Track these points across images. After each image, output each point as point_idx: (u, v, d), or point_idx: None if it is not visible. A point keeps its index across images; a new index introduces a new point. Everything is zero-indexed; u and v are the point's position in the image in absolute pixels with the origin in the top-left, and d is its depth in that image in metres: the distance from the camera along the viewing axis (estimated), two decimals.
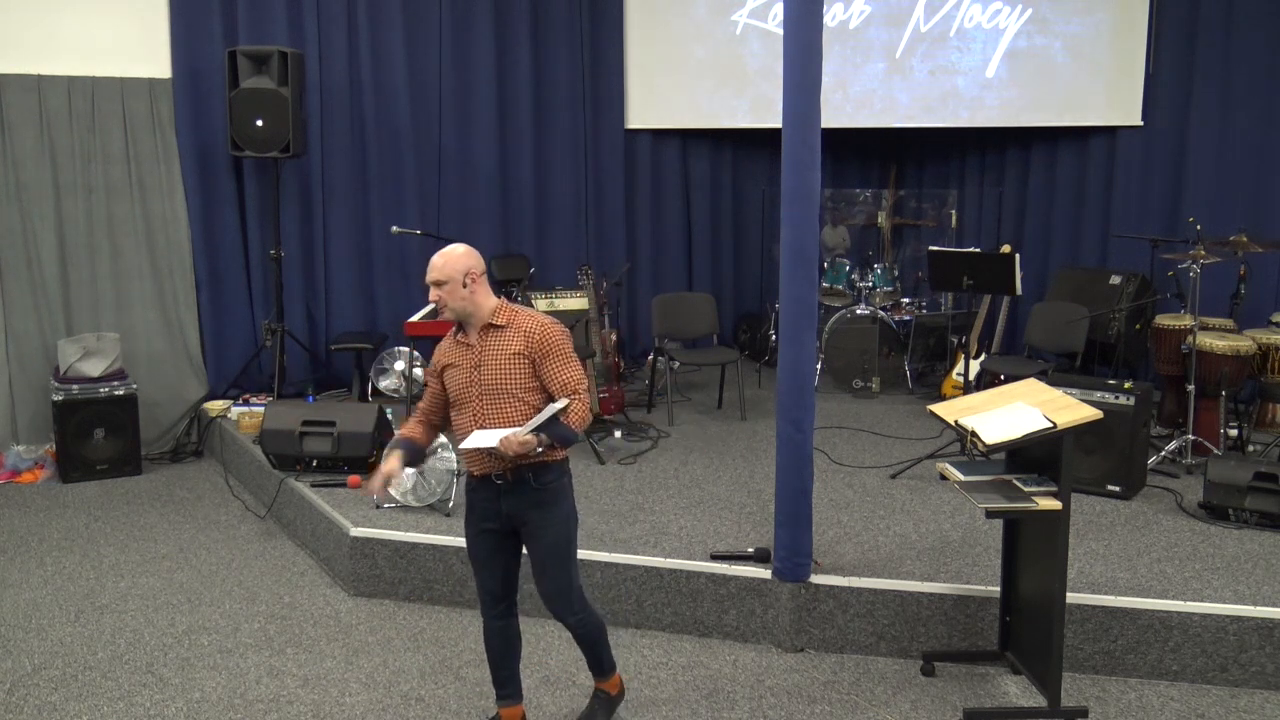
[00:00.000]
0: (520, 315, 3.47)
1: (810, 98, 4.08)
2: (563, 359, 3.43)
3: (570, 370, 3.43)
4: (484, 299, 3.46)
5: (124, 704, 3.96)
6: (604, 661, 3.80)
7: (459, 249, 3.47)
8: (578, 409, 3.36)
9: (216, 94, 6.85)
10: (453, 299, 3.41)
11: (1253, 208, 6.94)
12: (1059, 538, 3.69)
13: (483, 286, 3.45)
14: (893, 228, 8.66)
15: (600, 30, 8.14)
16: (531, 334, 3.42)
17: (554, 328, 3.46)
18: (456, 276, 3.39)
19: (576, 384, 3.41)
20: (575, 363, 3.46)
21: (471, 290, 3.42)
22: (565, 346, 3.44)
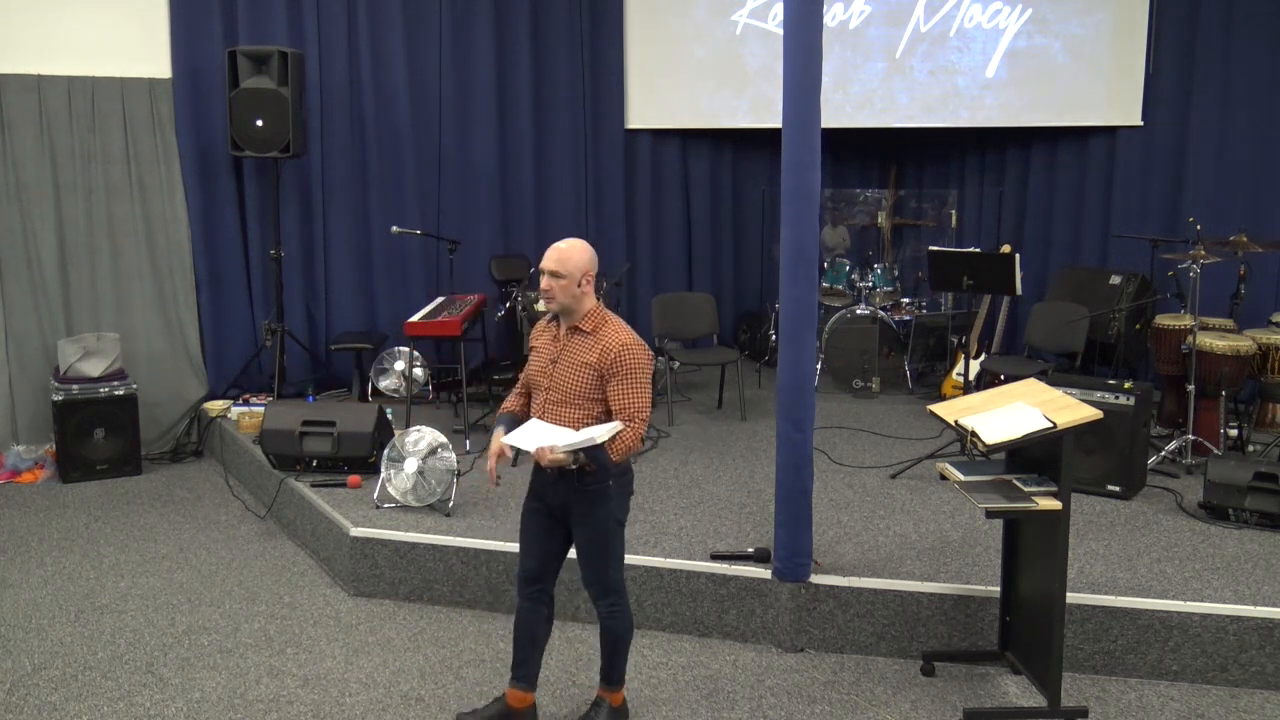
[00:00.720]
0: (607, 327, 3.54)
1: (810, 98, 4.09)
2: (631, 382, 3.47)
3: (635, 396, 3.47)
4: (588, 301, 3.55)
5: (124, 704, 3.96)
6: (615, 670, 3.79)
7: (581, 245, 3.55)
8: (626, 436, 3.43)
9: (216, 94, 6.85)
10: (563, 294, 3.50)
11: (1253, 208, 6.94)
12: (1059, 538, 3.69)
13: (590, 289, 3.54)
14: (893, 228, 8.66)
15: (600, 30, 8.14)
16: (609, 350, 3.47)
17: (634, 350, 3.49)
18: (575, 274, 3.49)
19: (636, 411, 3.46)
20: (644, 389, 3.49)
21: (583, 291, 3.52)
22: (639, 371, 3.48)
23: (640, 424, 3.48)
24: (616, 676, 3.80)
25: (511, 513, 5.12)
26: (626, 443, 3.45)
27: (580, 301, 3.53)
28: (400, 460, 5.14)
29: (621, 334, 3.52)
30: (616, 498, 3.58)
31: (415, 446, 5.13)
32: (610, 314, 3.61)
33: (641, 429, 3.48)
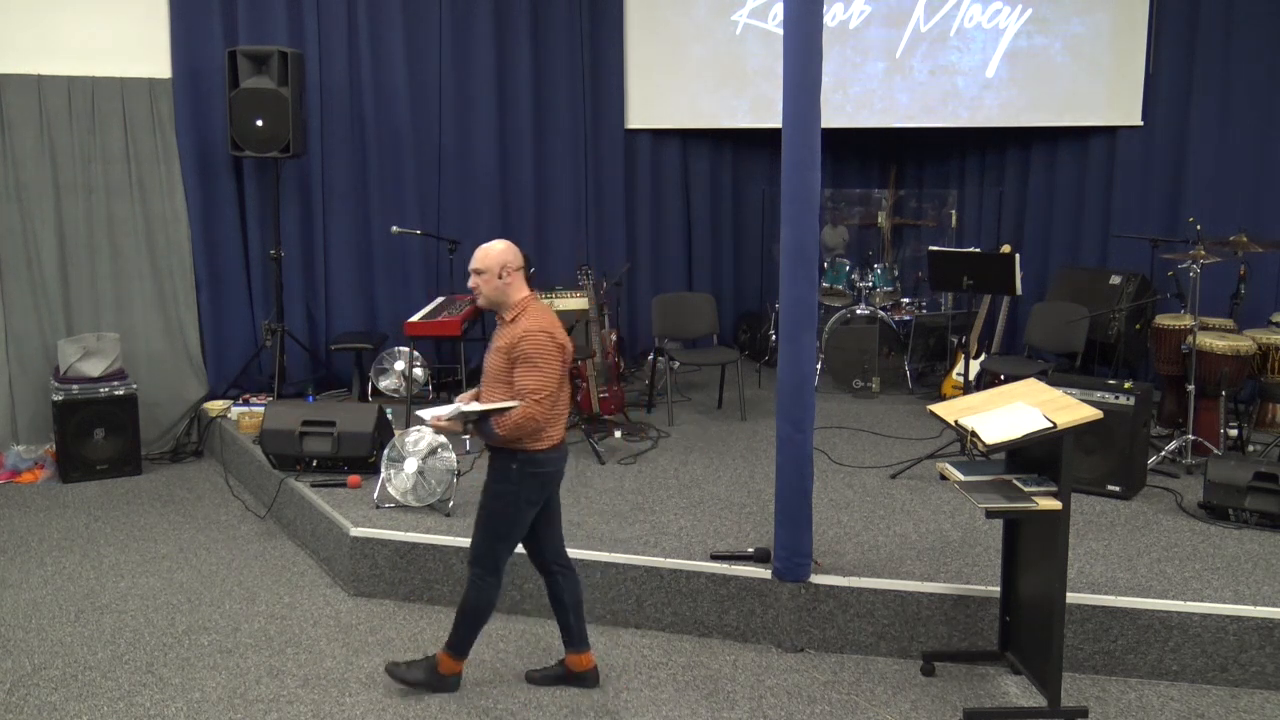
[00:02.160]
0: (524, 316, 3.78)
1: (810, 98, 4.09)
2: (529, 366, 3.71)
3: (530, 378, 3.70)
4: (513, 294, 3.81)
5: (124, 704, 3.96)
6: (455, 636, 3.99)
7: (501, 243, 3.84)
8: (515, 414, 3.69)
9: (216, 94, 6.85)
10: (487, 287, 3.80)
11: (1253, 208, 6.94)
12: (1059, 538, 3.69)
13: (515, 281, 3.81)
14: (893, 228, 8.66)
15: (600, 30, 8.14)
16: (515, 336, 3.74)
17: (535, 335, 3.72)
18: (494, 267, 3.78)
19: (530, 392, 3.70)
20: (540, 373, 3.71)
21: (506, 283, 3.79)
22: (537, 356, 3.70)
23: (532, 404, 3.68)
24: (455, 643, 4.00)
25: None
26: (514, 420, 3.69)
27: (505, 294, 3.80)
28: (400, 460, 5.14)
29: (530, 322, 3.75)
30: (519, 481, 3.81)
31: (415, 446, 5.14)
32: (537, 307, 3.83)
33: (533, 410, 3.69)
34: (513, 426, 3.69)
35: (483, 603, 3.93)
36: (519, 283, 3.81)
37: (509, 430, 3.70)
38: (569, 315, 7.20)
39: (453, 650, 4.01)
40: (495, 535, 3.88)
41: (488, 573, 3.90)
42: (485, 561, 3.90)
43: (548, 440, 3.81)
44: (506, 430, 3.70)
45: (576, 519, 5.05)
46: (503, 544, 3.90)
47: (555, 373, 3.73)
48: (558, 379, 3.75)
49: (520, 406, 3.68)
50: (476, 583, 3.91)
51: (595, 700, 4.01)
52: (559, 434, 3.86)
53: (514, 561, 4.65)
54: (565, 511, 5.11)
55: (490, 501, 3.87)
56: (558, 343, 3.74)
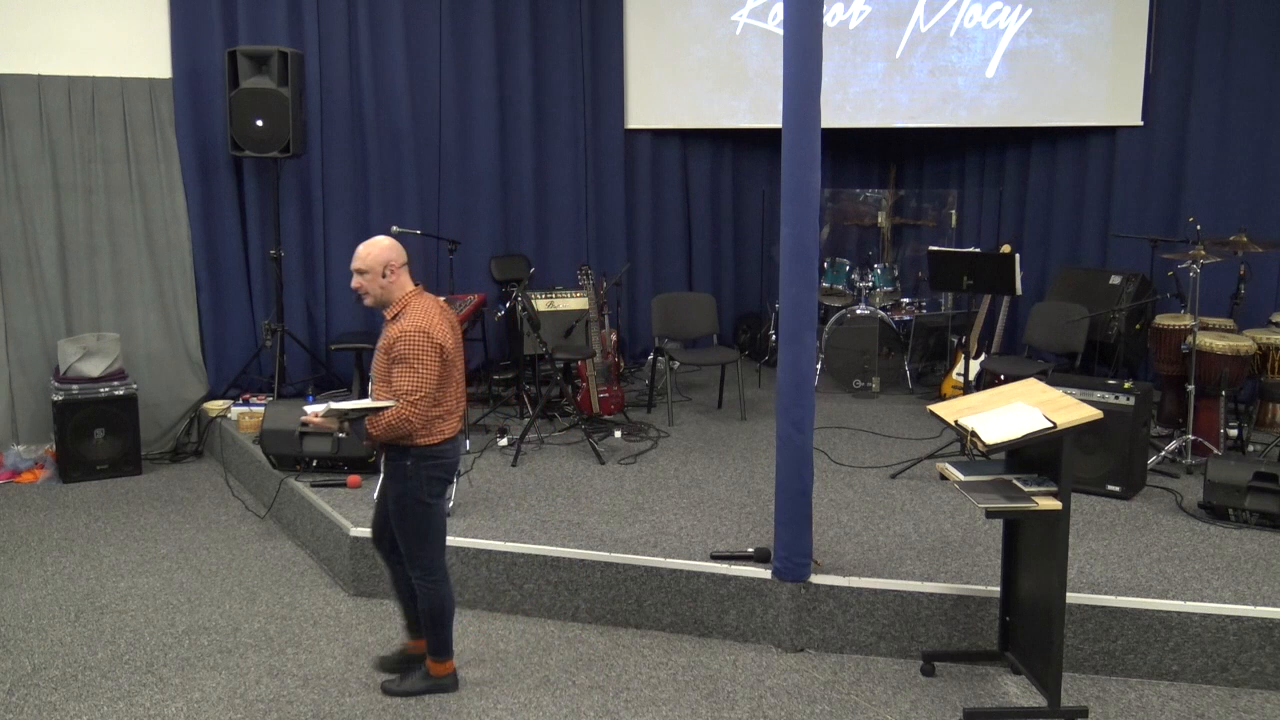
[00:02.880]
0: (406, 314, 3.76)
1: (810, 98, 4.09)
2: (404, 367, 3.69)
3: (405, 379, 3.68)
4: (396, 291, 3.80)
5: (124, 704, 3.96)
6: (433, 641, 4.01)
7: (382, 242, 3.82)
8: (390, 414, 3.66)
9: (216, 94, 6.85)
10: (370, 286, 3.78)
11: (1253, 208, 6.94)
12: (1059, 538, 3.69)
13: (399, 279, 3.81)
14: (893, 228, 8.66)
15: (600, 30, 8.14)
16: (392, 336, 3.73)
17: (411, 335, 3.69)
18: (376, 267, 3.77)
19: (405, 393, 3.68)
20: (415, 374, 3.68)
21: (390, 281, 3.78)
22: (412, 357, 3.68)
23: (407, 405, 3.66)
24: (435, 648, 4.01)
25: (511, 513, 5.13)
26: (387, 421, 3.67)
27: (389, 292, 3.80)
28: None
29: (408, 321, 3.72)
30: (416, 478, 3.80)
31: None
32: (420, 303, 3.80)
33: (407, 412, 3.66)
34: (385, 428, 3.67)
35: (438, 602, 3.94)
36: (403, 280, 3.81)
37: (382, 431, 3.68)
38: (569, 315, 7.21)
39: (435, 655, 4.01)
40: (418, 536, 3.88)
41: (430, 573, 3.91)
42: (421, 564, 3.90)
43: (439, 434, 3.81)
44: (379, 431, 3.68)
45: (576, 519, 5.05)
46: (429, 541, 3.90)
47: (432, 373, 3.70)
48: (435, 378, 3.71)
49: (394, 407, 3.66)
50: (422, 584, 3.91)
51: (595, 700, 4.01)
52: (452, 428, 3.86)
53: (515, 561, 4.68)
54: (565, 512, 5.13)
55: (399, 505, 3.85)
56: (435, 342, 3.70)
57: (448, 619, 3.99)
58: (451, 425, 3.86)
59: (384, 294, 3.79)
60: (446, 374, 3.78)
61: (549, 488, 5.51)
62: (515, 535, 4.83)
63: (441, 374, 3.75)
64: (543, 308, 7.16)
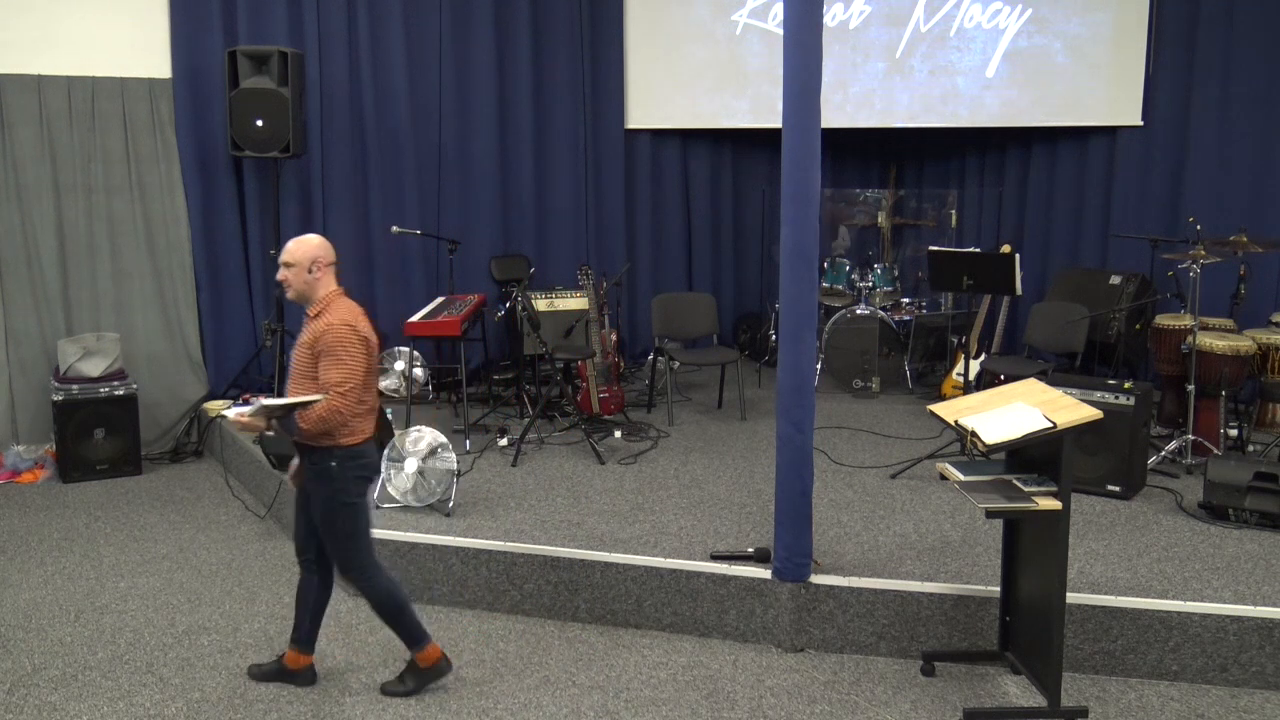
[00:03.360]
0: (328, 311, 3.78)
1: (810, 98, 4.09)
2: (332, 359, 3.70)
3: (333, 371, 3.69)
4: (320, 289, 3.82)
5: (124, 704, 3.96)
6: (403, 634, 3.98)
7: (312, 238, 3.86)
8: (319, 408, 3.67)
9: (216, 94, 6.85)
10: (296, 280, 3.80)
11: (1253, 208, 6.94)
12: (1059, 538, 3.69)
13: (325, 277, 3.82)
14: (893, 228, 8.66)
15: (600, 30, 8.14)
16: (317, 331, 3.74)
17: (336, 329, 3.70)
18: (303, 261, 3.79)
19: (335, 384, 3.68)
20: (344, 365, 3.70)
21: (315, 277, 3.80)
22: (339, 348, 3.70)
23: (336, 398, 3.67)
24: (408, 639, 3.99)
25: (511, 513, 5.13)
26: (318, 414, 3.67)
27: (313, 289, 3.81)
28: (400, 460, 5.14)
29: (333, 316, 3.75)
30: (341, 478, 3.80)
31: (415, 446, 5.13)
32: (342, 302, 3.81)
33: (338, 403, 3.67)
34: (317, 420, 3.68)
35: (385, 596, 3.92)
36: (327, 279, 3.82)
37: (314, 424, 3.68)
38: (569, 315, 7.21)
39: (413, 645, 4.01)
40: (345, 538, 3.87)
41: (365, 573, 3.91)
42: (353, 566, 3.90)
43: (361, 433, 3.82)
44: (311, 425, 3.68)
45: (576, 519, 5.05)
46: (359, 541, 3.90)
47: (360, 365, 3.72)
48: (363, 371, 3.74)
49: (325, 400, 3.66)
50: (362, 585, 3.91)
51: (595, 700, 4.01)
52: (370, 427, 3.87)
53: (515, 561, 4.68)
54: (565, 512, 5.13)
55: (324, 509, 3.84)
56: (361, 335, 3.73)
57: (405, 608, 3.96)
58: (369, 425, 3.88)
59: (307, 290, 3.81)
60: (366, 374, 3.79)
61: (549, 488, 5.51)
62: (515, 535, 4.83)
63: (367, 367, 3.77)
64: (543, 308, 7.16)
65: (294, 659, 4.09)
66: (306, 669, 4.10)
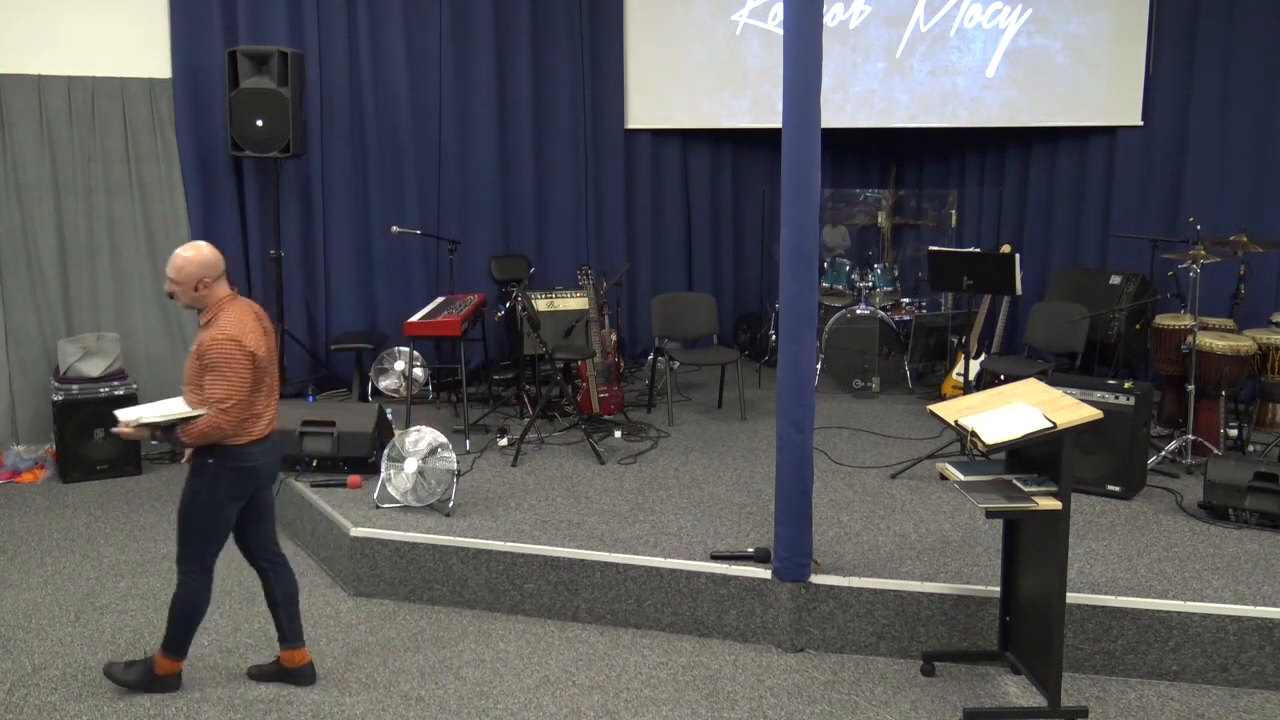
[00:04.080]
0: (217, 321, 3.78)
1: (810, 98, 4.09)
2: (215, 375, 3.71)
3: (216, 387, 3.70)
4: (209, 298, 3.81)
5: (124, 704, 3.96)
6: (175, 640, 3.99)
7: (197, 255, 3.80)
8: (200, 422, 3.70)
9: (216, 94, 6.85)
10: (184, 296, 3.82)
11: (1253, 208, 6.94)
12: (1059, 538, 3.69)
13: (215, 288, 3.81)
14: (893, 228, 8.66)
15: (600, 30, 8.14)
16: (204, 343, 3.75)
17: (222, 343, 3.70)
18: (188, 281, 3.78)
19: (217, 401, 3.70)
20: (226, 382, 3.70)
21: (202, 294, 3.80)
22: (223, 365, 3.70)
23: (218, 414, 3.69)
24: (169, 643, 4.00)
25: (511, 513, 5.13)
26: (199, 429, 3.71)
27: (202, 300, 3.81)
28: (400, 460, 5.14)
29: (219, 329, 3.73)
30: (217, 477, 3.82)
31: (415, 446, 5.14)
32: (232, 308, 3.81)
33: (220, 419, 3.69)
34: (198, 435, 3.71)
35: (193, 602, 3.93)
36: (216, 289, 3.81)
37: (195, 439, 3.72)
38: (569, 315, 7.21)
39: (168, 651, 4.00)
40: (195, 533, 3.88)
41: (195, 571, 3.91)
42: (190, 560, 3.90)
43: (246, 436, 3.81)
44: (192, 439, 3.72)
45: (576, 519, 5.05)
46: (205, 542, 3.90)
47: (243, 380, 3.72)
48: (247, 386, 3.73)
49: (206, 415, 3.69)
50: (185, 581, 3.92)
51: (595, 701, 4.01)
52: (262, 430, 3.86)
53: (515, 561, 4.68)
54: (565, 512, 5.14)
55: (188, 498, 3.87)
56: (246, 350, 3.72)
57: (196, 620, 3.98)
58: (259, 428, 3.86)
59: (197, 302, 3.82)
60: (255, 380, 3.79)
61: (549, 488, 5.51)
62: (515, 535, 4.83)
63: (254, 380, 3.76)
64: (543, 308, 7.15)
65: (289, 658, 4.10)
66: (305, 666, 4.10)
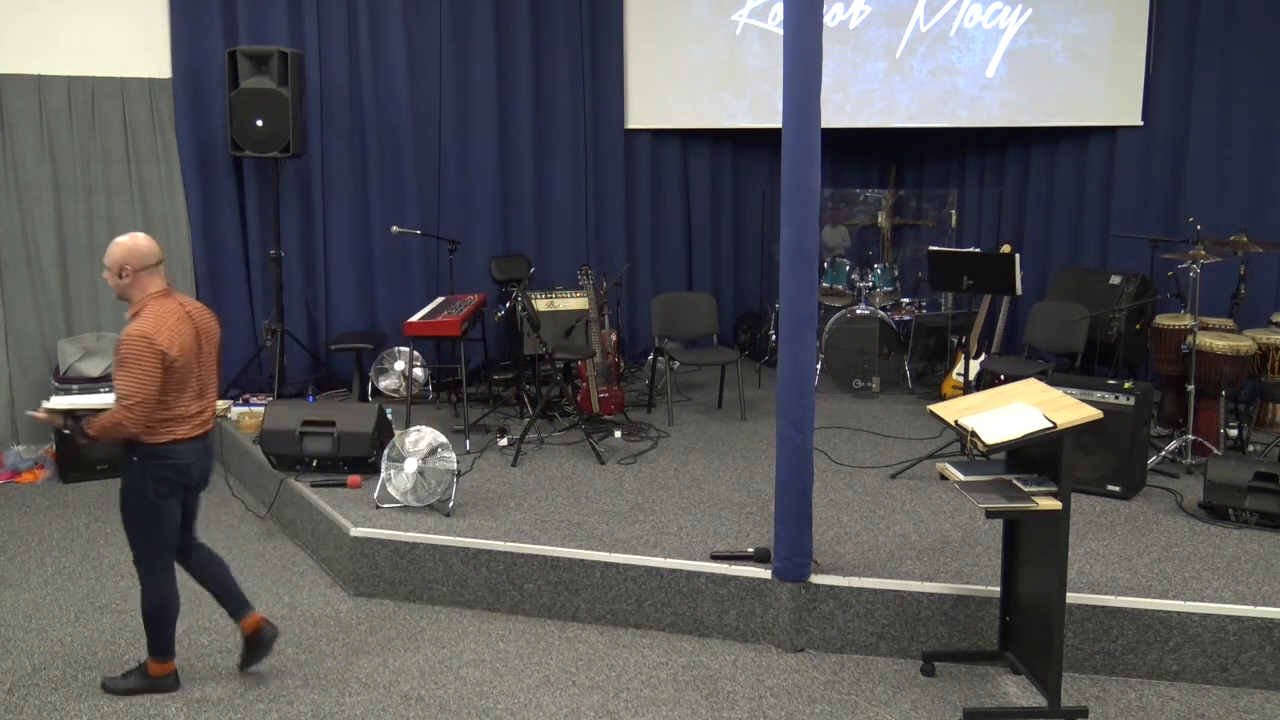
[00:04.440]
0: (139, 316, 3.76)
1: (810, 98, 4.09)
2: (123, 370, 3.68)
3: (123, 382, 3.68)
4: (135, 292, 3.80)
5: (124, 704, 3.96)
6: (158, 642, 4.00)
7: (129, 241, 3.81)
8: (104, 416, 3.70)
9: (216, 94, 6.85)
10: (112, 281, 3.81)
11: (1253, 208, 6.94)
12: (1059, 538, 3.69)
13: (141, 280, 3.79)
14: (893, 228, 8.66)
15: (600, 30, 8.14)
16: (120, 339, 3.71)
17: (133, 339, 3.67)
18: (114, 266, 3.79)
19: (122, 396, 3.68)
20: (132, 378, 3.67)
21: (129, 281, 3.78)
22: (130, 361, 3.67)
23: (120, 410, 3.67)
24: (155, 647, 4.00)
25: (511, 513, 5.13)
26: (101, 422, 3.70)
27: (127, 291, 3.81)
28: (400, 460, 5.14)
29: (135, 325, 3.71)
30: (142, 476, 3.82)
31: (415, 446, 5.14)
32: (156, 306, 3.78)
33: (121, 415, 3.67)
34: (100, 429, 3.70)
35: (160, 602, 3.94)
36: (143, 281, 3.79)
37: (97, 431, 3.71)
38: (569, 315, 7.21)
39: (155, 655, 4.01)
40: (140, 534, 3.90)
41: (152, 571, 3.92)
42: (144, 561, 3.92)
43: (168, 435, 3.79)
44: (95, 430, 3.71)
45: (576, 519, 5.05)
46: (152, 541, 3.91)
47: (150, 378, 3.67)
48: (154, 384, 3.69)
49: (115, 410, 3.68)
50: (144, 583, 3.93)
51: (595, 701, 4.01)
52: (188, 430, 3.85)
53: (515, 561, 4.68)
54: (566, 512, 5.14)
55: (123, 500, 3.89)
56: (156, 349, 3.67)
57: (170, 618, 3.99)
58: (184, 429, 3.84)
59: (124, 291, 3.82)
60: (177, 380, 3.77)
61: (549, 488, 5.51)
62: (515, 535, 4.83)
63: (166, 380, 3.73)
64: (543, 308, 7.16)
65: (246, 624, 4.12)
66: (263, 625, 4.13)
